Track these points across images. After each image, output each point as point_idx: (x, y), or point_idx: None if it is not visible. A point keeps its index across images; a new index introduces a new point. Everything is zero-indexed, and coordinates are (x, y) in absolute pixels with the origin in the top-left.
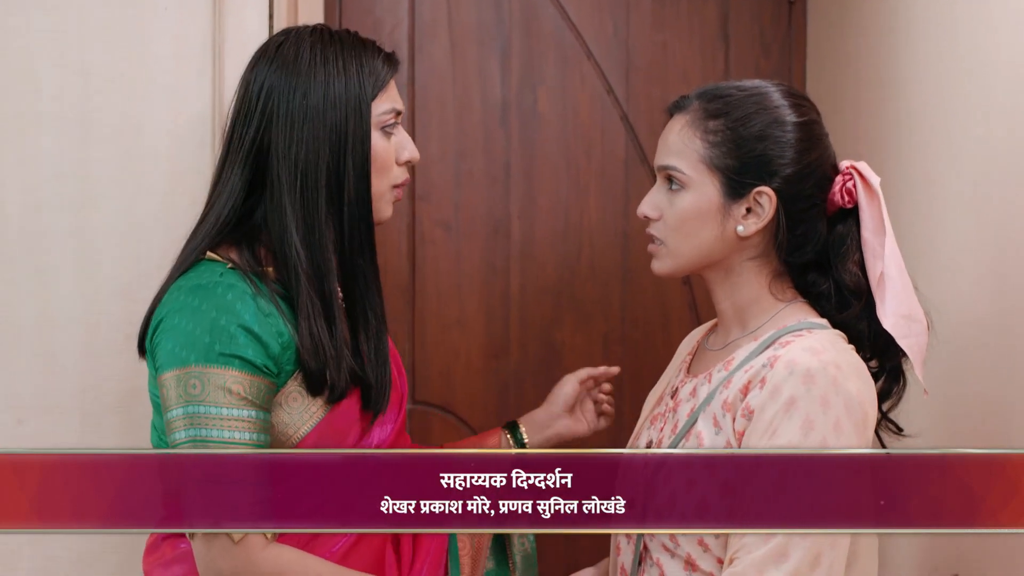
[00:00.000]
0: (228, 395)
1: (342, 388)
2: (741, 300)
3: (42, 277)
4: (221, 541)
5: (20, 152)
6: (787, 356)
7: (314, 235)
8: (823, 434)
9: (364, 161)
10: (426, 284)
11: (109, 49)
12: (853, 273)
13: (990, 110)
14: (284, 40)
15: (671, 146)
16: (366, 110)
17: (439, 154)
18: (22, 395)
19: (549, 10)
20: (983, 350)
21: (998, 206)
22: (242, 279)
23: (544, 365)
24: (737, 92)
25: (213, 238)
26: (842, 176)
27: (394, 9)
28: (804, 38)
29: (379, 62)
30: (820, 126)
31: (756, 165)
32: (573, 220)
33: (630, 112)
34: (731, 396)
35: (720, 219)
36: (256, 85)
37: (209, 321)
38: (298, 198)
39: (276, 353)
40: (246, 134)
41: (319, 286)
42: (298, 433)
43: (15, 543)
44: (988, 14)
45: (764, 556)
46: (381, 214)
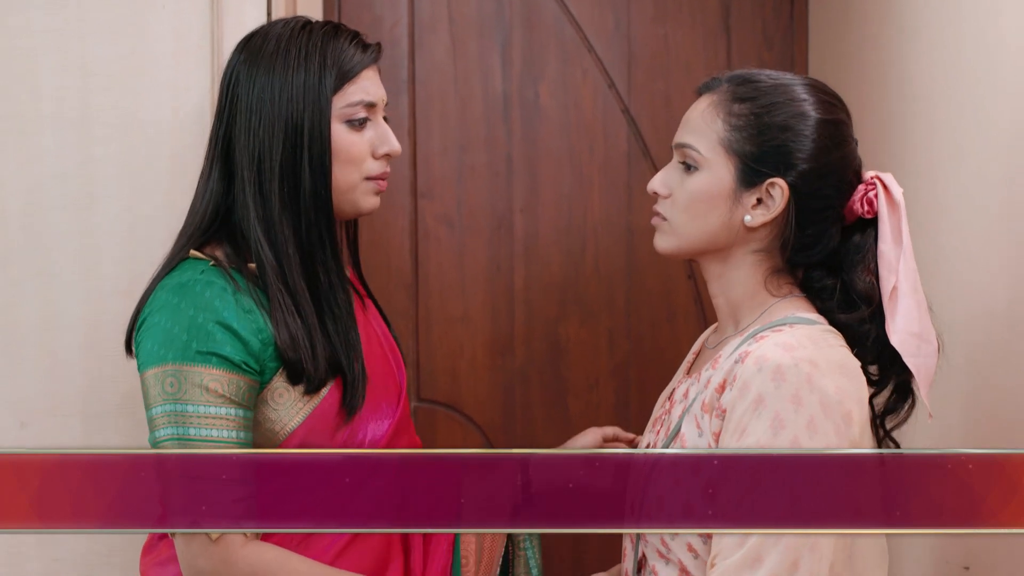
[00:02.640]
0: (206, 393)
1: (320, 378)
2: (735, 295)
3: (43, 277)
4: (199, 538)
5: (20, 152)
6: (757, 352)
7: (273, 229)
8: (794, 433)
9: (322, 154)
10: (429, 281)
11: (109, 48)
12: (867, 281)
13: (994, 102)
14: (256, 32)
15: (692, 124)
16: (324, 103)
17: (441, 150)
18: (25, 397)
19: (549, 3)
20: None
21: (1001, 199)
22: (222, 276)
23: (549, 361)
24: (768, 80)
25: (199, 236)
26: (865, 185)
27: (394, 5)
28: (806, 30)
29: (350, 51)
30: (847, 128)
31: (774, 155)
32: (576, 215)
33: (632, 105)
34: (708, 396)
35: (729, 205)
36: (226, 78)
37: (187, 319)
38: (256, 192)
39: (257, 350)
40: (219, 128)
41: (284, 280)
42: (285, 429)
43: (22, 546)
44: (992, 5)
45: (738, 561)
46: (358, 206)
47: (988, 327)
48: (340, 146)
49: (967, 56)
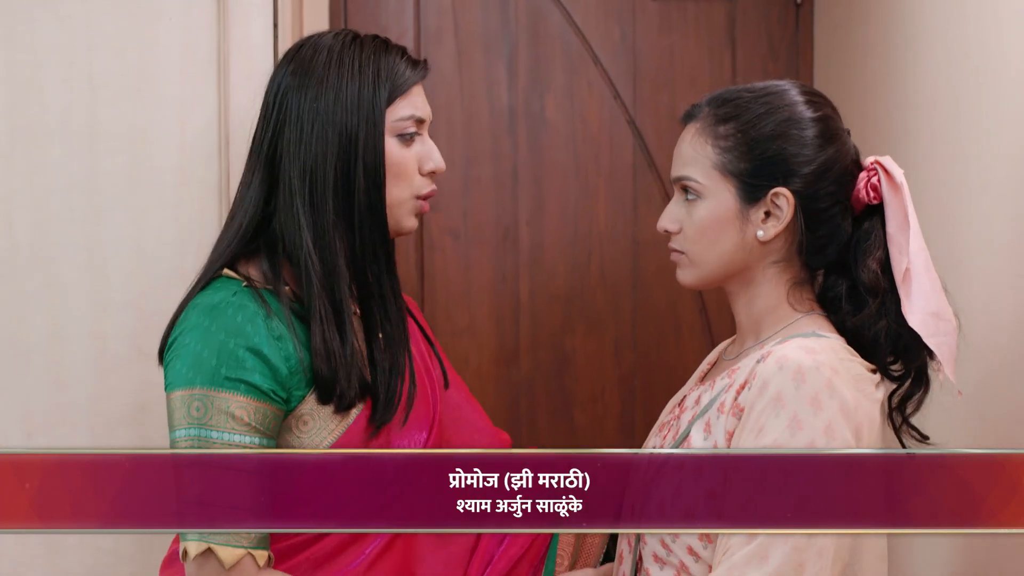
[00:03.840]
0: (231, 420)
1: (351, 397)
2: (758, 309)
3: (51, 290)
4: (212, 565)
5: (28, 165)
6: (779, 352)
7: (324, 240)
8: (812, 436)
9: (376, 167)
10: (435, 292)
11: (116, 61)
12: (872, 270)
13: (999, 109)
14: (305, 43)
15: (684, 156)
16: (379, 115)
17: (447, 161)
18: (33, 409)
19: (555, 16)
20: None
21: (1008, 204)
22: (254, 299)
23: (555, 372)
24: (747, 94)
25: (235, 248)
26: (867, 172)
27: (400, 17)
28: (811, 40)
29: (402, 66)
30: (836, 121)
31: (771, 166)
32: (582, 226)
33: (637, 117)
34: (729, 399)
35: (739, 225)
36: (273, 88)
37: (218, 343)
38: (307, 202)
39: (284, 377)
40: (264, 138)
41: (331, 293)
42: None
43: (28, 554)
44: (996, 13)
45: (744, 558)
46: (400, 225)
47: (988, 327)
48: (392, 159)
49: (972, 65)
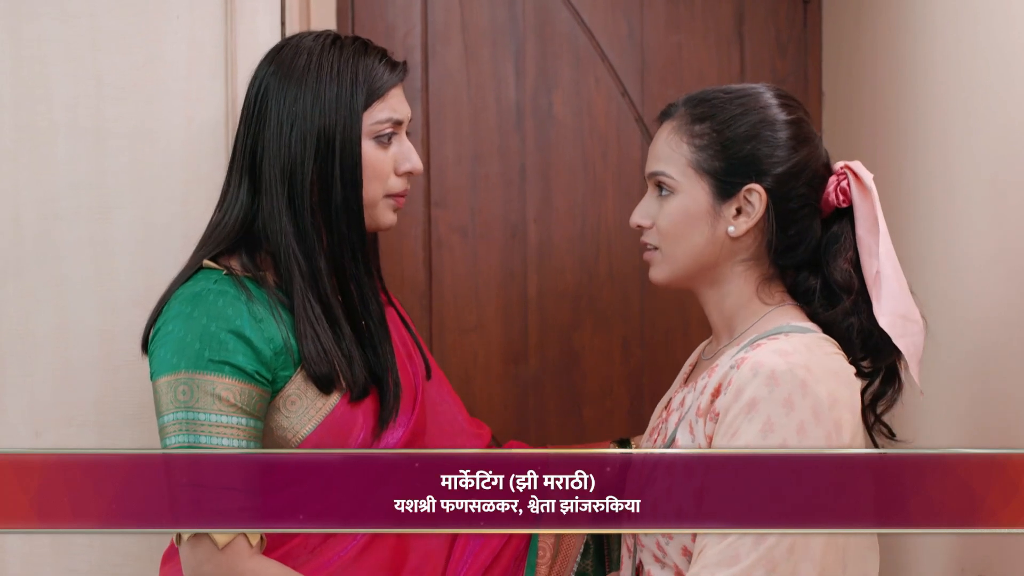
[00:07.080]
0: (218, 401)
1: (363, 385)
2: (729, 307)
3: (58, 287)
4: (205, 546)
5: (35, 161)
6: (754, 358)
7: (307, 240)
8: (783, 436)
9: (353, 168)
10: (443, 289)
11: (122, 58)
12: (844, 270)
13: (1009, 109)
14: (286, 44)
15: (660, 152)
16: (355, 118)
17: (454, 159)
18: (40, 406)
19: (563, 12)
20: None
21: (1016, 204)
22: (234, 285)
23: (563, 369)
24: (723, 96)
25: (216, 245)
26: (836, 176)
27: (407, 14)
28: (820, 37)
29: (380, 69)
30: (809, 125)
31: (744, 165)
32: (590, 223)
33: (645, 114)
34: (704, 402)
35: (710, 221)
36: (254, 88)
37: (200, 328)
38: (287, 202)
39: (268, 358)
40: (246, 138)
41: (316, 290)
42: (298, 436)
43: (37, 555)
44: (1006, 10)
45: (715, 556)
46: (378, 222)
47: (988, 328)
48: (368, 161)
49: (981, 62)
